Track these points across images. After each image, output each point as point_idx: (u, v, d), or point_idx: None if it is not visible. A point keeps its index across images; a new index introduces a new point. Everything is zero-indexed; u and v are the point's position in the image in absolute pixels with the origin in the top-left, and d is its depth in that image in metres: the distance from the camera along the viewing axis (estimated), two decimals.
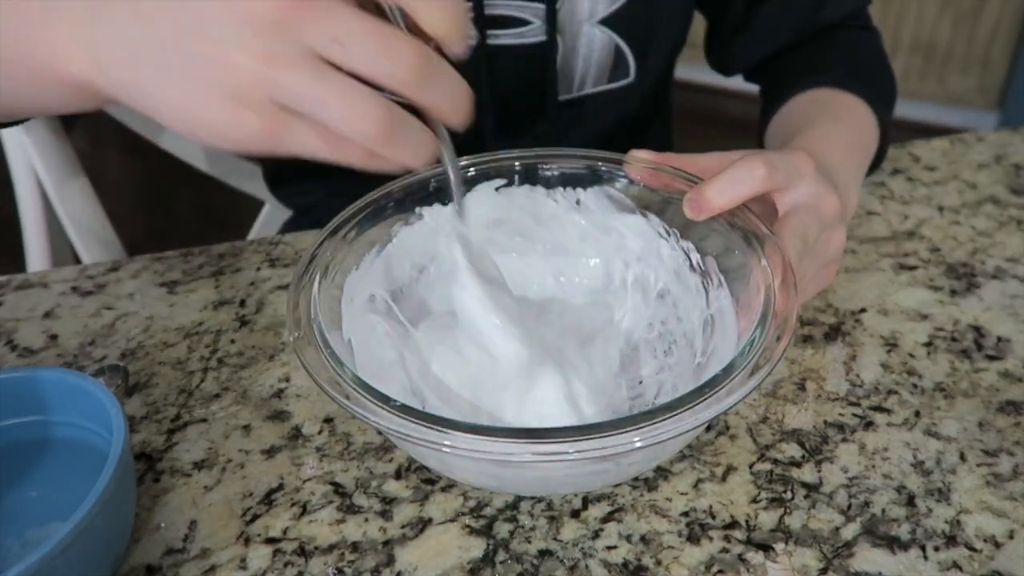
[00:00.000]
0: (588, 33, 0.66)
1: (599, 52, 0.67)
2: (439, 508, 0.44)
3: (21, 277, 0.64)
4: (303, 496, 0.45)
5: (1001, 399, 0.51)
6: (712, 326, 0.47)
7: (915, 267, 0.63)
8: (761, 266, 0.43)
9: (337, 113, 0.32)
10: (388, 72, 0.32)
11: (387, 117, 0.33)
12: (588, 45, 0.66)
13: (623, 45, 0.67)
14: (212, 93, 0.32)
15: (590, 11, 0.65)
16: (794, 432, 0.49)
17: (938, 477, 0.46)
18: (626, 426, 0.35)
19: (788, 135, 0.59)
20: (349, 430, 0.49)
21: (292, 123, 0.33)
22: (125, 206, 2.24)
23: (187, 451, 0.48)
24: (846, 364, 0.54)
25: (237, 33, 0.32)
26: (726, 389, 0.36)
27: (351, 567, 0.42)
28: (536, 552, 0.42)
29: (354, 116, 0.32)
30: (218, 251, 0.66)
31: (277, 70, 0.32)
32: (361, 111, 0.32)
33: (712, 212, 0.45)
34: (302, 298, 0.42)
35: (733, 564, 0.41)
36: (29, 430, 0.45)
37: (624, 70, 0.69)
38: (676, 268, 0.51)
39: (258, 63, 0.31)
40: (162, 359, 0.55)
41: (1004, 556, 0.42)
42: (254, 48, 0.31)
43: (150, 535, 0.43)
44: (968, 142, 0.80)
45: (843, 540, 0.42)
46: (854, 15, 0.71)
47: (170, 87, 0.34)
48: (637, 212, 0.51)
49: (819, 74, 0.64)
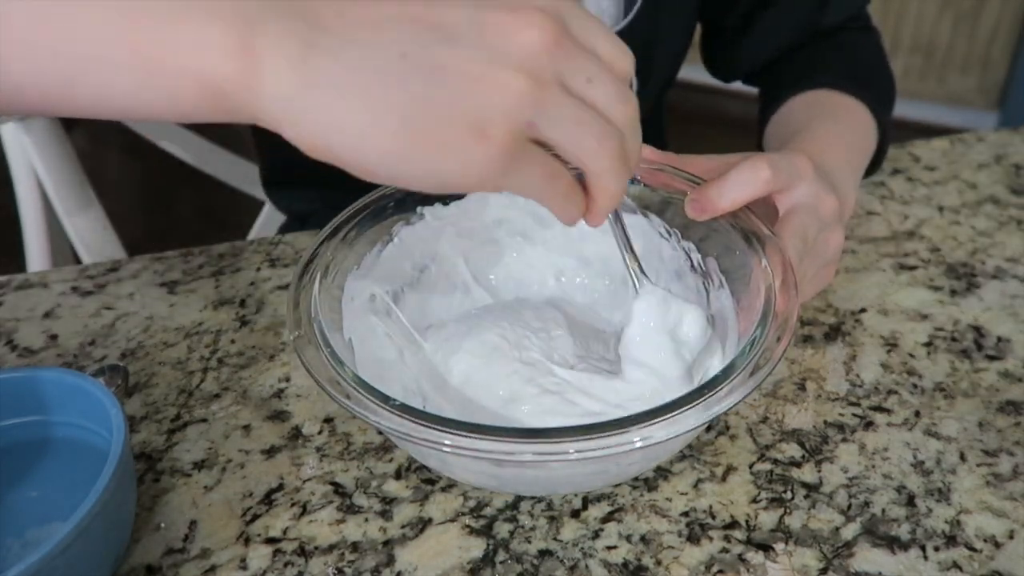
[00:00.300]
0: None
1: None
2: (439, 508, 0.44)
3: (21, 277, 0.64)
4: (303, 496, 0.45)
5: (1001, 399, 0.51)
6: (712, 327, 0.47)
7: (915, 267, 0.63)
8: (762, 266, 0.43)
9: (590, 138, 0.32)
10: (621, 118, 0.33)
11: (623, 154, 0.33)
12: None
13: None
14: (454, 117, 0.30)
15: None
16: (794, 432, 0.49)
17: (938, 477, 0.46)
18: (626, 426, 0.35)
19: (787, 136, 0.59)
20: (349, 430, 0.49)
21: (529, 156, 0.32)
22: (125, 206, 2.24)
23: (187, 451, 0.48)
24: (846, 364, 0.54)
25: (503, 54, 0.30)
26: (726, 389, 0.37)
27: (351, 567, 0.42)
28: (536, 552, 0.42)
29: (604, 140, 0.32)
30: (218, 251, 0.66)
31: (547, 93, 0.31)
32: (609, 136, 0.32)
33: (716, 213, 0.45)
34: (302, 298, 0.42)
35: (733, 564, 0.41)
36: (29, 430, 0.45)
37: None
38: (677, 269, 0.51)
39: (529, 84, 0.30)
40: (162, 359, 0.55)
41: (1004, 556, 0.42)
42: (525, 69, 0.30)
43: (150, 535, 0.43)
44: (968, 142, 0.80)
45: (843, 540, 0.42)
46: (854, 16, 0.71)
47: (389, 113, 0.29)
48: (638, 212, 0.51)
49: (818, 75, 0.64)
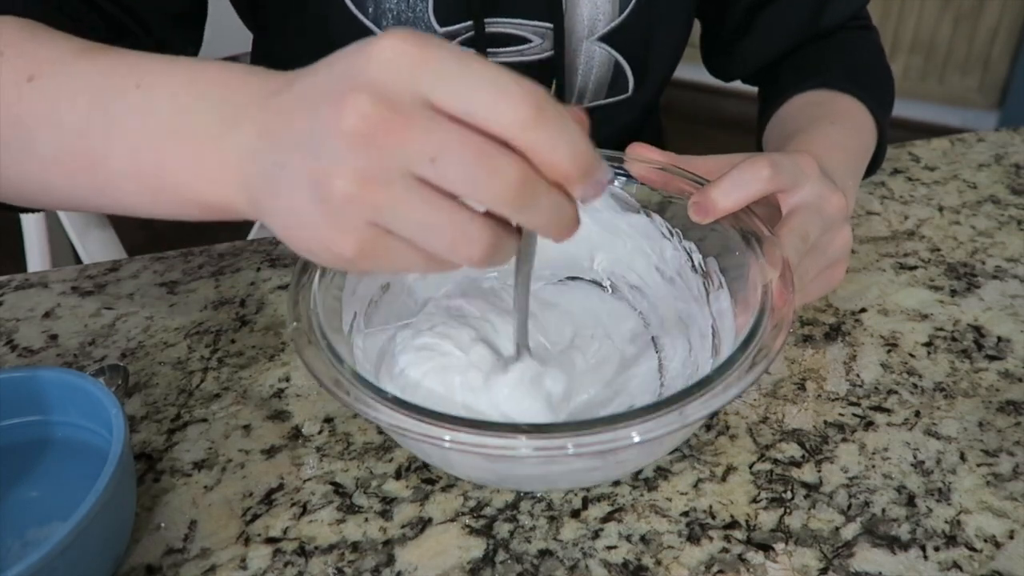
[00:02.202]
0: (588, 50, 0.66)
1: (598, 68, 0.68)
2: (439, 508, 0.44)
3: (21, 277, 0.64)
4: (303, 496, 0.45)
5: (1001, 399, 0.51)
6: (712, 327, 0.48)
7: (915, 267, 0.63)
8: (759, 264, 0.43)
9: (442, 241, 0.30)
10: (486, 195, 0.29)
11: (493, 241, 0.30)
12: (588, 62, 0.67)
13: (622, 61, 0.68)
14: (312, 213, 0.31)
15: (590, 29, 0.65)
16: (794, 432, 0.49)
17: (938, 477, 0.46)
18: (624, 421, 0.35)
19: (786, 137, 0.59)
20: (349, 430, 0.49)
21: (389, 245, 0.31)
22: None
23: (187, 451, 0.48)
24: (846, 364, 0.54)
25: (333, 150, 0.29)
26: (723, 385, 0.37)
27: (351, 567, 0.42)
28: (536, 552, 0.42)
29: (459, 243, 0.30)
30: (218, 251, 0.66)
31: (373, 192, 0.29)
32: (466, 238, 0.30)
33: (718, 214, 0.45)
34: (301, 296, 0.42)
35: (733, 564, 0.41)
36: (29, 430, 0.45)
37: (623, 85, 0.70)
38: (679, 269, 0.51)
39: (353, 185, 0.29)
40: (162, 359, 0.55)
41: (1004, 556, 0.42)
42: (350, 167, 0.29)
43: (150, 535, 0.43)
44: (968, 142, 0.80)
45: (843, 540, 0.42)
46: (854, 16, 0.71)
47: (281, 207, 0.32)
48: (640, 211, 0.52)
49: (817, 76, 0.64)
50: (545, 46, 0.65)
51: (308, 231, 0.32)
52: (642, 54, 0.69)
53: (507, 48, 0.64)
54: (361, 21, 0.61)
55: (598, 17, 0.65)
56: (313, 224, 0.31)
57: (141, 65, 0.39)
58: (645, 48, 0.68)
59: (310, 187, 0.30)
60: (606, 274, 0.55)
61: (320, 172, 0.30)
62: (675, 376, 0.48)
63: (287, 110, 0.33)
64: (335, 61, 0.31)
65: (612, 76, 0.69)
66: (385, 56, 0.29)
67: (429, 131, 0.29)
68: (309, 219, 0.31)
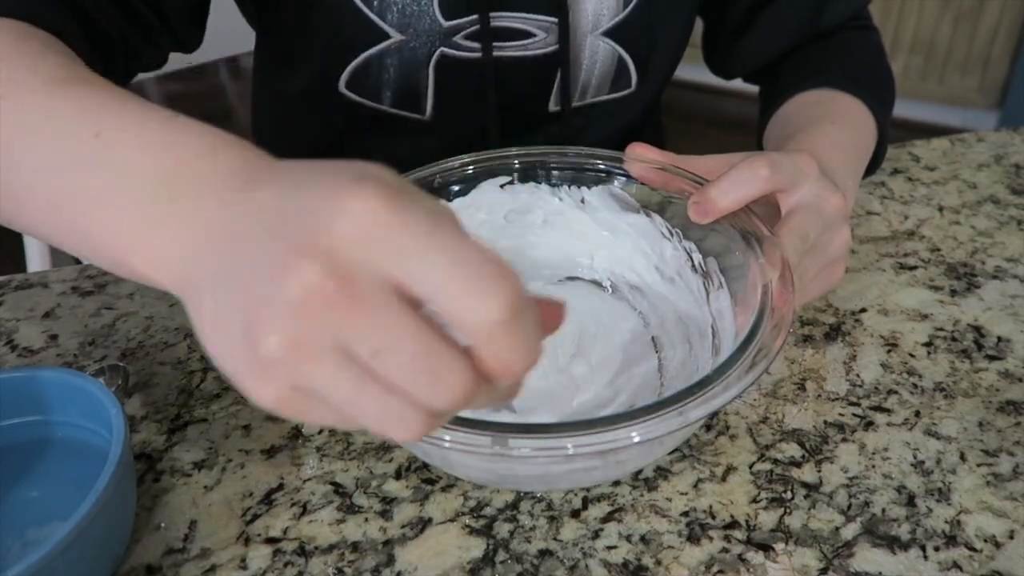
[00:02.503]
0: (592, 45, 0.66)
1: (602, 63, 0.68)
2: (439, 508, 0.44)
3: (21, 277, 0.64)
4: (303, 496, 0.45)
5: (1001, 399, 0.51)
6: (712, 327, 0.48)
7: (915, 267, 0.63)
8: (759, 264, 0.43)
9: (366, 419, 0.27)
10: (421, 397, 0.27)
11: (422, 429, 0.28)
12: (592, 57, 0.67)
13: (626, 56, 0.68)
14: (238, 349, 0.27)
15: (594, 23, 0.65)
16: (794, 432, 0.49)
17: (938, 477, 0.46)
18: (624, 421, 0.35)
19: (786, 136, 0.59)
20: (349, 430, 0.49)
21: (311, 407, 0.28)
22: None
23: (187, 451, 0.48)
24: (846, 364, 0.54)
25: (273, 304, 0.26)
26: (723, 385, 0.37)
27: (351, 567, 0.42)
28: (536, 552, 0.42)
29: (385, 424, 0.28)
30: None
31: (303, 362, 0.26)
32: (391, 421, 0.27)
33: (718, 214, 0.45)
34: None
35: (733, 564, 0.41)
36: (29, 430, 0.45)
37: (626, 80, 0.70)
38: (678, 269, 0.51)
39: (283, 349, 0.26)
40: (162, 359, 0.55)
41: (1004, 556, 0.42)
42: (284, 330, 0.26)
43: (150, 535, 0.43)
44: (968, 142, 0.80)
45: (843, 540, 0.42)
46: (854, 15, 0.71)
47: (207, 318, 0.29)
48: (641, 211, 0.52)
49: (818, 75, 0.64)
50: (550, 40, 0.65)
51: (229, 361, 0.28)
52: (645, 50, 0.69)
53: (512, 42, 0.64)
54: (367, 15, 0.61)
55: (602, 12, 0.65)
56: (234, 359, 0.28)
57: (108, 110, 0.35)
58: (648, 44, 0.69)
59: (243, 326, 0.27)
60: (606, 274, 0.56)
61: (255, 319, 0.26)
62: (675, 376, 0.49)
63: (242, 224, 0.29)
64: (306, 190, 0.27)
65: (616, 71, 0.69)
66: (353, 221, 0.26)
67: (378, 325, 0.26)
68: (234, 350, 0.28)
